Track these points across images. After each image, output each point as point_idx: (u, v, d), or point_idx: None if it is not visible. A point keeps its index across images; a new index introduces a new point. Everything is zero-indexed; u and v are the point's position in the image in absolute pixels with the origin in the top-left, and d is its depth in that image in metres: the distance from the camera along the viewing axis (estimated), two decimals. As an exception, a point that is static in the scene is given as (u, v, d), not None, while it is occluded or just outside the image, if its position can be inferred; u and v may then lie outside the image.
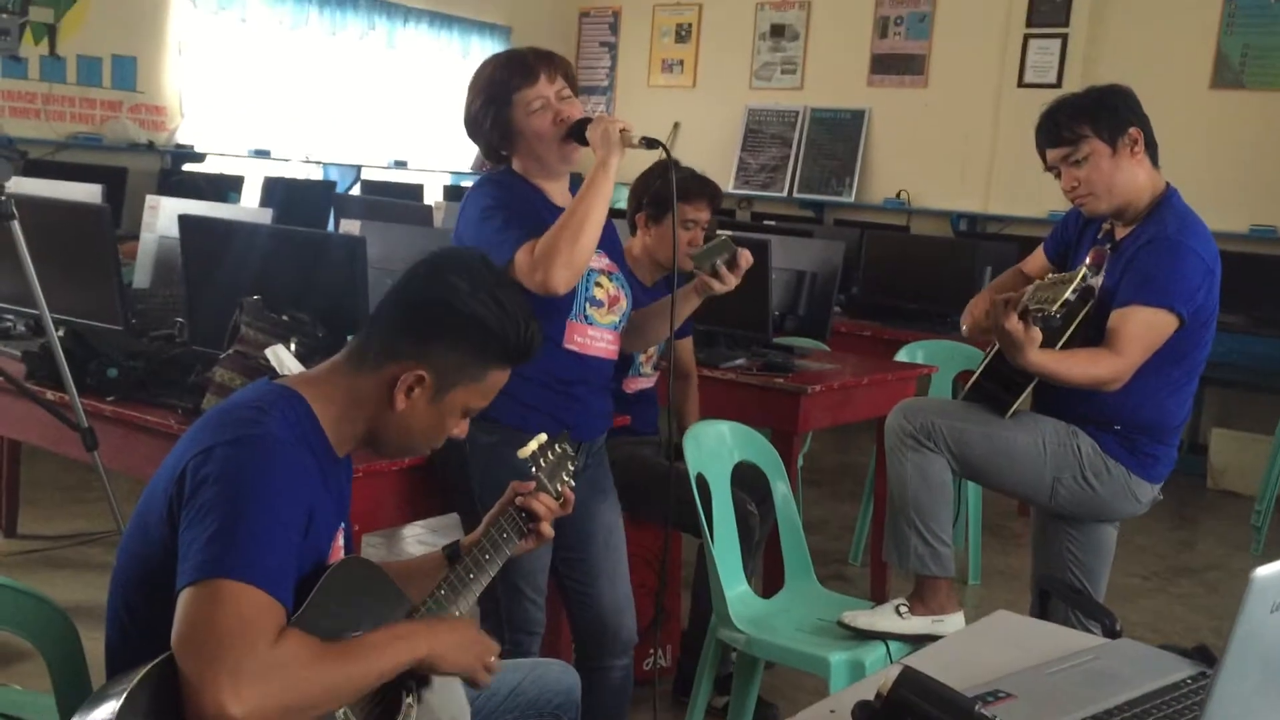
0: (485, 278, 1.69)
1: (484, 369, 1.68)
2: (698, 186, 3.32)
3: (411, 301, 1.68)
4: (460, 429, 1.73)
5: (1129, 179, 2.56)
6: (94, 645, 1.68)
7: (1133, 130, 2.55)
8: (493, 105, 2.37)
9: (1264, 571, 1.07)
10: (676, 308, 2.44)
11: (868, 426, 4.11)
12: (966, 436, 2.58)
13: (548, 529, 1.86)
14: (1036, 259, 2.87)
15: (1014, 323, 2.38)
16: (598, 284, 2.42)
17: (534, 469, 1.86)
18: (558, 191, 2.44)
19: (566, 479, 1.91)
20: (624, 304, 2.49)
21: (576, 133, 2.35)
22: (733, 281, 2.42)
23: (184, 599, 1.39)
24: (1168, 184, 2.62)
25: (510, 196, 2.37)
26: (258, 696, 1.32)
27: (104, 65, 6.89)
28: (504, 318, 1.66)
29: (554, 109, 2.35)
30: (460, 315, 1.64)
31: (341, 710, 1.51)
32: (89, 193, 3.99)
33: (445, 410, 1.67)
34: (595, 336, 2.42)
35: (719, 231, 2.42)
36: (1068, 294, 2.34)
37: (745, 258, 2.41)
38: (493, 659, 1.65)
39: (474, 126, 2.43)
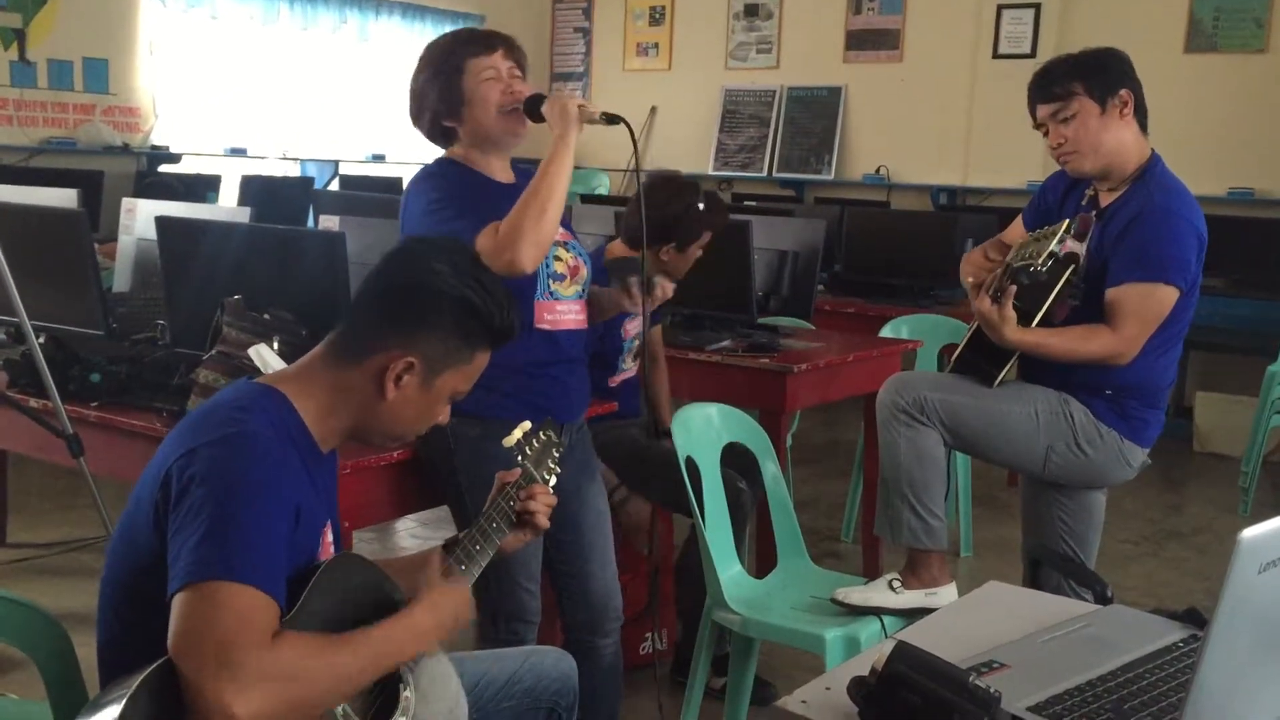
0: (464, 261, 1.69)
1: (471, 352, 1.68)
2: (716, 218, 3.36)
3: (393, 290, 1.67)
4: (444, 415, 1.73)
5: (1116, 140, 2.57)
6: (88, 652, 1.67)
7: (1124, 92, 2.56)
8: (442, 74, 2.34)
9: (1251, 533, 1.08)
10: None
11: (855, 403, 4.12)
12: (960, 410, 2.59)
13: (543, 520, 1.86)
14: (1016, 229, 2.88)
15: (985, 304, 2.44)
16: (557, 257, 2.41)
17: (519, 457, 1.86)
18: (499, 169, 2.43)
19: (552, 465, 1.92)
20: (584, 272, 2.48)
21: (531, 108, 2.34)
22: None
23: (179, 603, 1.38)
24: (1153, 151, 2.63)
25: (453, 185, 2.35)
26: (261, 695, 1.33)
27: (75, 68, 6.83)
28: (488, 299, 1.67)
29: (505, 82, 2.34)
30: (446, 299, 1.65)
31: (340, 707, 1.51)
32: (64, 198, 3.97)
33: (435, 396, 1.68)
34: (563, 310, 2.42)
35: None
36: (1052, 245, 2.37)
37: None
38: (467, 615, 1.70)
39: (419, 100, 2.39)
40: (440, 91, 2.35)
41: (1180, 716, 1.15)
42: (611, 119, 2.36)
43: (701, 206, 3.27)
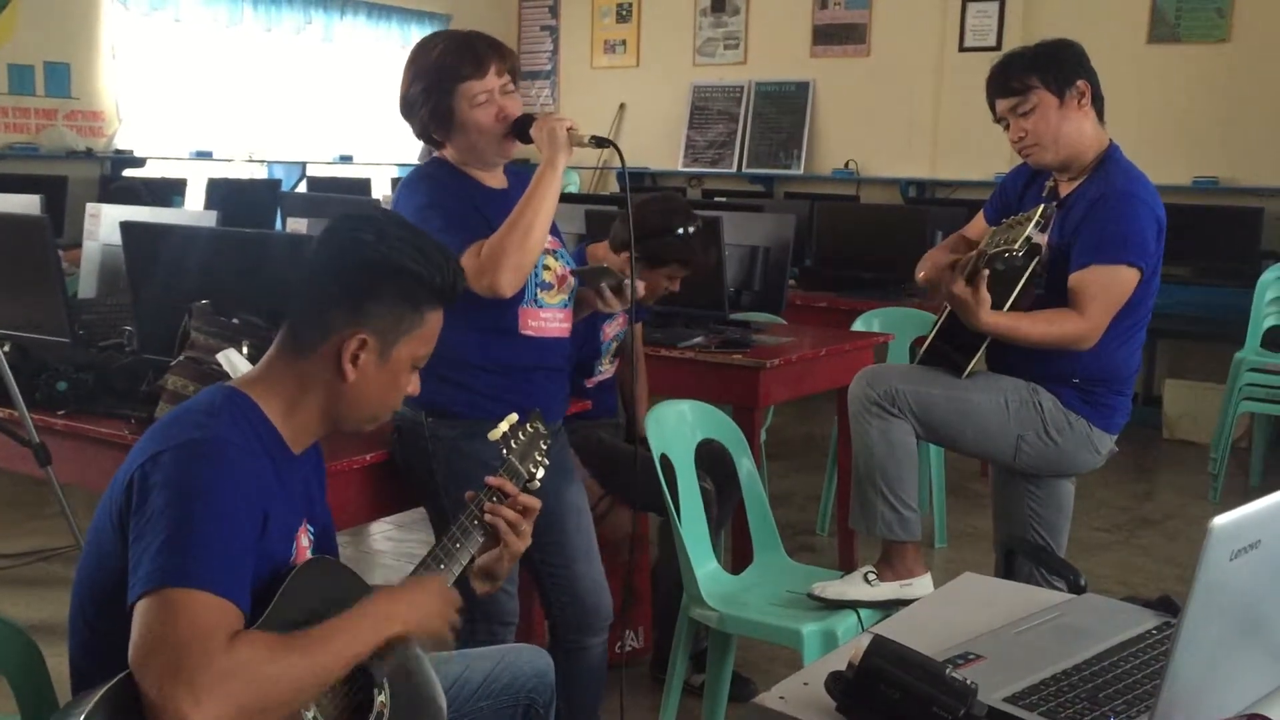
0: (389, 226, 1.66)
1: (420, 315, 1.65)
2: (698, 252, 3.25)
3: (328, 272, 1.64)
4: (413, 386, 1.70)
5: (1076, 130, 2.60)
6: (58, 663, 1.65)
7: (1080, 83, 2.60)
8: (434, 92, 2.33)
9: (1222, 520, 1.09)
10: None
11: (828, 397, 4.13)
12: (930, 400, 2.60)
13: (513, 538, 1.78)
14: (978, 224, 2.89)
15: (960, 288, 2.44)
16: (545, 266, 2.40)
17: (505, 451, 1.84)
18: (492, 176, 2.42)
19: (540, 458, 1.89)
20: (572, 280, 2.48)
21: (519, 130, 2.33)
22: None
23: (137, 612, 1.36)
24: (1111, 140, 2.66)
25: (445, 194, 2.34)
26: (217, 702, 1.30)
27: (36, 72, 6.75)
28: (422, 259, 1.64)
29: (497, 104, 2.33)
30: (380, 269, 1.62)
31: (311, 713, 1.50)
32: (27, 204, 3.92)
33: (396, 368, 1.65)
34: (548, 318, 2.42)
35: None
36: (1029, 230, 2.38)
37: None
38: (455, 614, 1.64)
39: (409, 108, 2.39)
40: (432, 110, 2.34)
41: (1155, 703, 1.16)
42: (601, 141, 2.35)
43: (686, 232, 3.16)
